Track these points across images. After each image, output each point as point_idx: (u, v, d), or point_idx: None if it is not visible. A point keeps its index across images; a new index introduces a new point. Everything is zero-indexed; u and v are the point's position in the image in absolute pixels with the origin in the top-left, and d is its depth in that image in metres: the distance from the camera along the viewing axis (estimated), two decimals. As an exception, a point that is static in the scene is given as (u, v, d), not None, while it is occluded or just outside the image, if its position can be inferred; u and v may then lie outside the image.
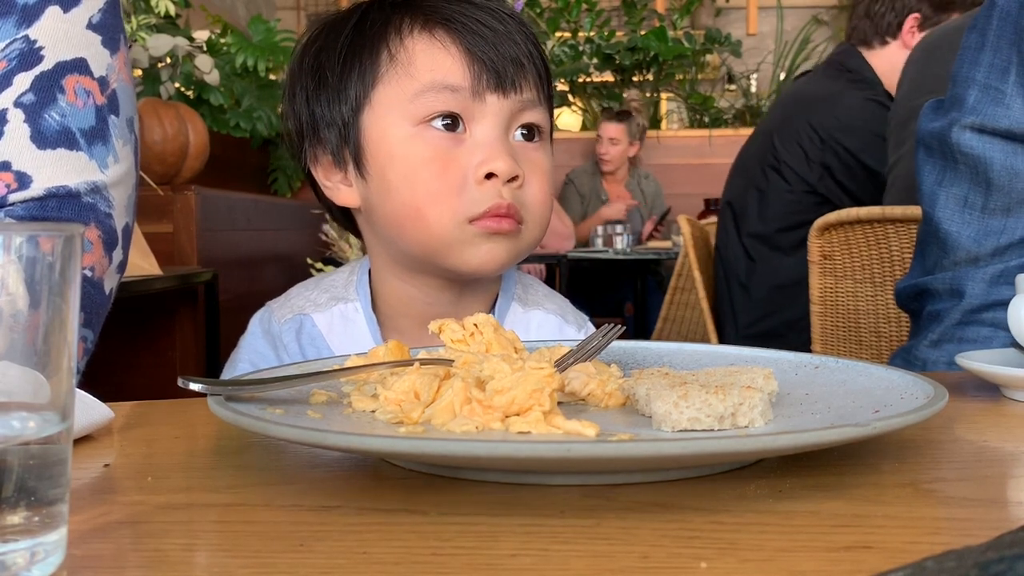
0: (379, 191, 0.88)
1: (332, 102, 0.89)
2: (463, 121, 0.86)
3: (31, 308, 0.34)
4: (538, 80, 0.89)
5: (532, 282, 1.03)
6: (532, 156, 0.88)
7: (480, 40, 0.86)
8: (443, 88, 0.85)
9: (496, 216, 0.84)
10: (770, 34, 6.79)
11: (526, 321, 0.96)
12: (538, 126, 0.90)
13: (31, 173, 0.84)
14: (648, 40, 5.54)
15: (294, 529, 0.41)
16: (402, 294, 0.94)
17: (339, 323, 0.94)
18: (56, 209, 0.84)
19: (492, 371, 0.55)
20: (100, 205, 0.87)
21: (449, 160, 0.85)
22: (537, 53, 0.89)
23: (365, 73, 0.88)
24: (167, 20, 3.30)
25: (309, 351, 0.93)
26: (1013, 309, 0.75)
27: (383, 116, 0.87)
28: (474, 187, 0.84)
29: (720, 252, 2.53)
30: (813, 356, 0.67)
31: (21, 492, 0.34)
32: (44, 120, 0.84)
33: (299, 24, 7.82)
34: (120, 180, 0.90)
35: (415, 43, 0.87)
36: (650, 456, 0.43)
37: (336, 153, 0.90)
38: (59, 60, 0.86)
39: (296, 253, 3.28)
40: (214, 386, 0.53)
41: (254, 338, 0.95)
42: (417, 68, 0.86)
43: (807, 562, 0.37)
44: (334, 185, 0.92)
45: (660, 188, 4.79)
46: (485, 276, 0.91)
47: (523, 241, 0.88)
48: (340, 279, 0.99)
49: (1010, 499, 0.48)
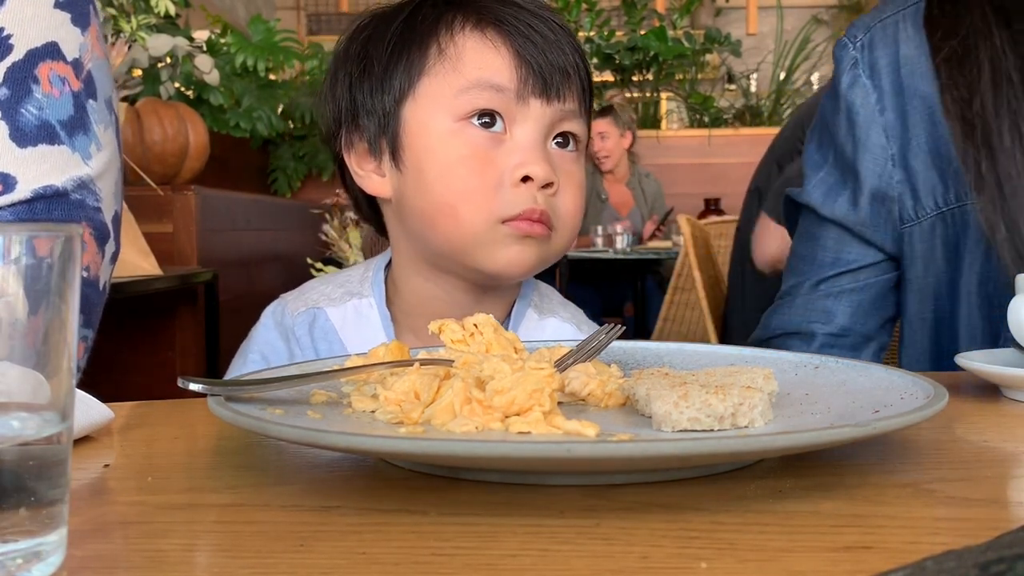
0: (414, 183, 0.88)
1: (375, 90, 0.89)
2: (504, 122, 0.86)
3: (31, 309, 0.34)
4: (581, 92, 0.90)
5: (548, 290, 1.03)
6: (567, 165, 0.89)
7: (530, 45, 0.86)
8: (489, 86, 0.85)
9: (529, 219, 0.85)
10: (770, 34, 6.79)
11: (541, 328, 0.96)
12: (576, 136, 0.90)
13: (14, 174, 0.81)
14: (648, 40, 5.54)
15: (294, 529, 0.41)
16: (422, 292, 0.94)
17: (352, 318, 0.94)
18: (45, 211, 0.82)
19: (492, 371, 0.55)
20: (88, 200, 0.86)
21: (487, 159, 0.85)
22: (583, 65, 0.90)
23: (412, 65, 0.88)
24: (167, 20, 3.31)
25: (321, 345, 0.93)
26: (1013, 309, 0.75)
27: (425, 109, 0.87)
28: (509, 189, 0.84)
29: (740, 234, 2.55)
30: (813, 356, 0.67)
31: (21, 492, 0.34)
32: (21, 116, 0.82)
33: (299, 24, 7.82)
34: (105, 169, 0.88)
35: (465, 40, 0.87)
36: (650, 456, 0.43)
37: (373, 142, 0.90)
38: (30, 48, 0.83)
39: (296, 253, 3.27)
40: (214, 386, 0.53)
41: (266, 330, 0.95)
42: (465, 64, 0.86)
43: (807, 562, 0.37)
44: (366, 174, 0.92)
45: (661, 188, 4.78)
46: (509, 279, 0.91)
47: (551, 248, 0.88)
48: (355, 275, 0.99)
49: (1010, 499, 0.48)
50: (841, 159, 1.06)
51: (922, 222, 1.01)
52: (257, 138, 4.02)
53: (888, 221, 1.03)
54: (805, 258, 1.10)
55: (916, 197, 1.00)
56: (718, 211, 4.39)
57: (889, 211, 1.03)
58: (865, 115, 1.03)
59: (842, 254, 1.07)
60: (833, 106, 1.07)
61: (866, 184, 1.03)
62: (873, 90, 1.03)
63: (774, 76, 6.18)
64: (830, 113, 1.07)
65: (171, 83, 2.97)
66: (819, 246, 1.08)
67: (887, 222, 1.03)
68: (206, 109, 3.61)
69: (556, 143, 0.89)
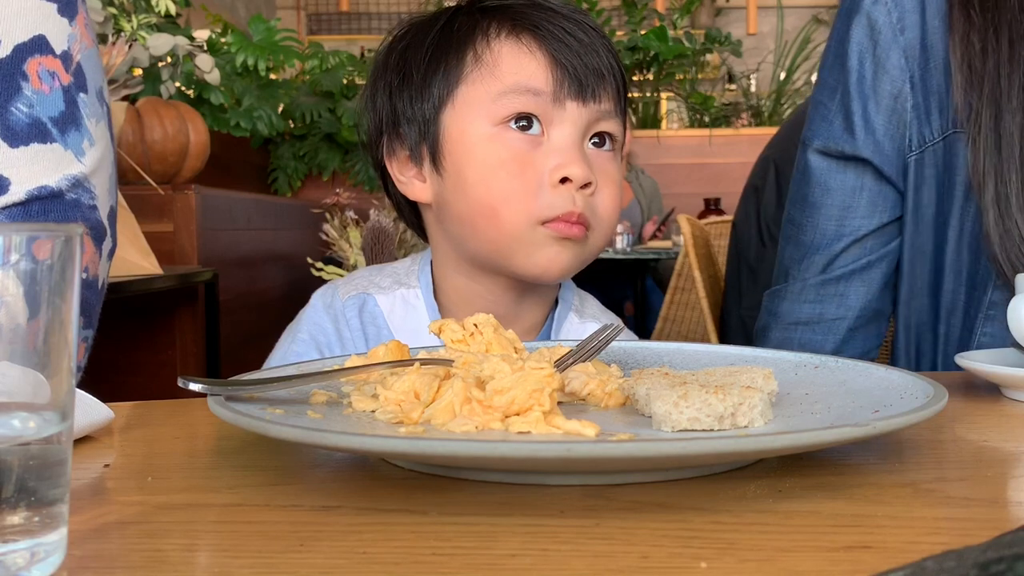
0: (454, 188, 0.89)
1: (415, 99, 0.91)
2: (542, 125, 0.87)
3: (31, 309, 0.34)
4: (616, 93, 0.91)
5: (588, 296, 1.05)
6: (605, 165, 0.90)
7: (565, 48, 0.87)
8: (525, 91, 0.86)
9: (568, 221, 0.86)
10: (770, 34, 6.80)
11: (581, 331, 0.98)
12: (612, 136, 0.91)
13: (7, 175, 0.80)
14: (648, 40, 5.53)
15: (294, 529, 0.41)
16: (465, 290, 0.96)
17: (400, 306, 0.96)
18: (41, 213, 0.82)
19: (492, 371, 0.55)
20: (84, 199, 0.85)
21: (526, 162, 0.86)
22: (617, 67, 0.91)
23: (450, 72, 0.89)
24: (167, 19, 3.31)
25: (370, 329, 0.95)
26: (1013, 309, 0.75)
27: (464, 114, 0.89)
28: (549, 190, 0.86)
29: (736, 231, 2.55)
30: (813, 356, 0.67)
31: (21, 492, 0.34)
32: (11, 114, 0.81)
33: (299, 24, 7.82)
34: (98, 165, 0.87)
35: (501, 46, 0.88)
36: (650, 456, 0.43)
37: (414, 149, 0.92)
38: (17, 43, 0.81)
39: (296, 253, 3.27)
40: (214, 386, 0.53)
41: (316, 311, 0.97)
42: (502, 70, 0.87)
43: (807, 562, 0.37)
44: (408, 180, 0.94)
45: (657, 186, 4.79)
46: (547, 281, 0.92)
47: (588, 248, 0.90)
48: (403, 267, 1.01)
49: (1010, 499, 0.48)
50: (860, 84, 1.03)
51: (934, 145, 0.99)
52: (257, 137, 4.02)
53: (899, 149, 1.01)
54: (806, 228, 1.07)
55: (929, 121, 0.99)
56: (718, 211, 4.38)
57: (901, 136, 1.01)
58: (886, 36, 1.01)
59: (847, 219, 1.04)
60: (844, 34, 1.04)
61: (881, 107, 1.01)
62: (895, 8, 1.01)
63: (774, 76, 6.18)
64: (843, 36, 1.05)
65: (172, 82, 2.97)
66: (822, 215, 1.05)
67: (899, 150, 1.02)
68: (207, 108, 3.61)
69: (593, 143, 0.90)
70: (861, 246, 1.05)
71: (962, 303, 1.00)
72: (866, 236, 1.04)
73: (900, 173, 1.02)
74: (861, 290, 1.05)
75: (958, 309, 1.00)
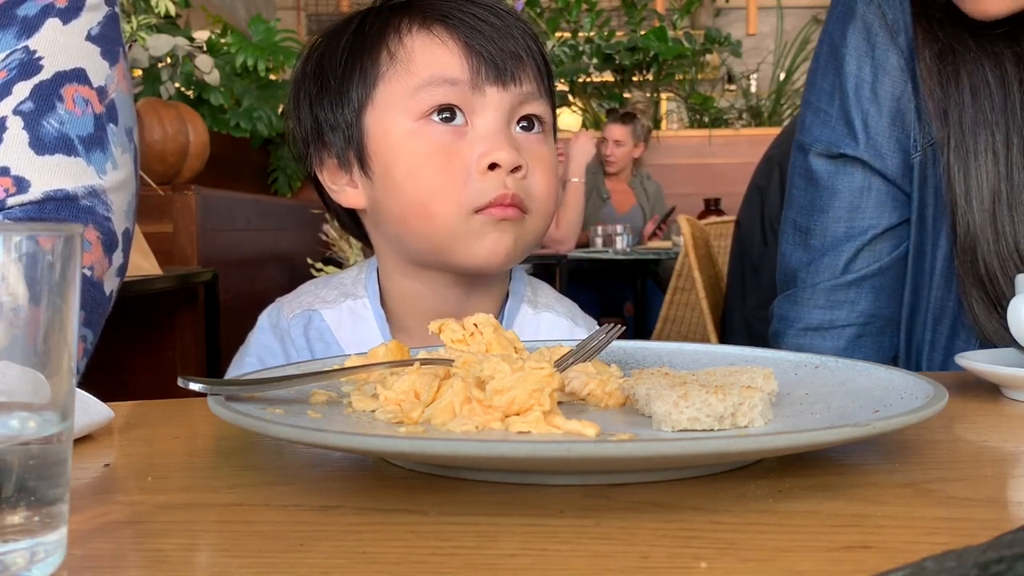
0: (384, 189, 0.88)
1: (335, 105, 0.90)
2: (464, 114, 0.87)
3: (31, 308, 0.34)
4: (537, 74, 0.90)
5: (540, 285, 1.03)
6: (535, 148, 0.89)
7: (478, 35, 0.87)
8: (442, 82, 0.86)
9: (502, 204, 0.85)
10: (770, 34, 6.79)
11: (536, 323, 0.97)
12: (539, 117, 0.90)
13: (29, 177, 0.84)
14: (648, 40, 5.54)
15: (294, 529, 0.41)
16: (410, 292, 0.94)
17: (348, 319, 0.95)
18: (54, 212, 0.84)
19: (492, 371, 0.55)
20: (98, 208, 0.88)
21: (452, 153, 0.85)
22: (536, 47, 0.90)
23: (366, 74, 0.89)
24: (167, 20, 3.30)
25: (317, 346, 0.93)
26: (1013, 309, 0.75)
27: (385, 114, 0.88)
28: (478, 178, 0.85)
29: (739, 231, 2.55)
30: (813, 356, 0.67)
31: (21, 492, 0.34)
32: (43, 127, 0.85)
33: (299, 24, 7.82)
34: (119, 186, 0.90)
35: (413, 41, 0.88)
36: (650, 456, 0.43)
37: (341, 156, 0.91)
38: (58, 70, 0.87)
39: (296, 253, 3.28)
40: (214, 386, 0.53)
41: (263, 333, 0.96)
42: (416, 64, 0.87)
43: (807, 562, 0.37)
44: (340, 188, 0.93)
45: (660, 189, 4.79)
46: (492, 270, 0.91)
47: (529, 231, 0.88)
48: (349, 277, 1.00)
49: (1010, 499, 0.48)
50: (859, 89, 1.03)
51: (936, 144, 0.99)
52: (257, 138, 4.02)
53: (904, 150, 1.01)
54: (815, 232, 1.06)
55: (931, 120, 0.98)
56: (718, 211, 4.38)
57: (906, 136, 1.01)
58: (883, 39, 1.01)
59: (856, 220, 1.03)
60: (839, 38, 1.04)
61: (884, 110, 1.01)
62: (889, 10, 1.01)
63: (774, 76, 6.18)
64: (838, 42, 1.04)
65: (171, 83, 2.97)
66: (831, 217, 1.04)
67: (903, 151, 1.01)
68: (206, 109, 3.60)
69: (521, 127, 0.89)
70: (872, 250, 1.03)
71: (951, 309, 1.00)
72: (876, 238, 1.03)
73: (905, 175, 1.02)
74: (872, 296, 1.04)
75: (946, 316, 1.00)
